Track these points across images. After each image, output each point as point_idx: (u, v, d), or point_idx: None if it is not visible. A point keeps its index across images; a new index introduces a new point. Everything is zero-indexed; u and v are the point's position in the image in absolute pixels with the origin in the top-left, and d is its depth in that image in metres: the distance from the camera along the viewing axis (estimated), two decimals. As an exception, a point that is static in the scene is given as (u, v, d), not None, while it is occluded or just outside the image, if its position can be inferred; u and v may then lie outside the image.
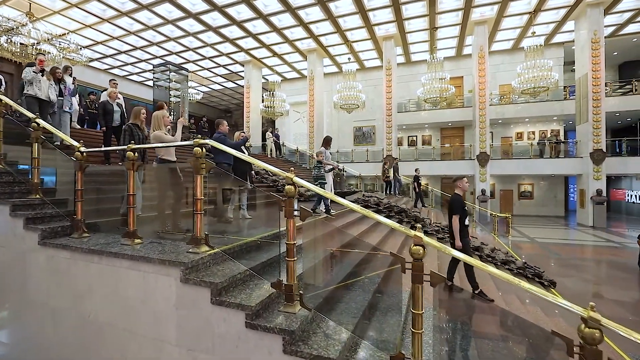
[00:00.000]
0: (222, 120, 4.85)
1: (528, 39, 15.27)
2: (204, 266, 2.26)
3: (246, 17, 14.55)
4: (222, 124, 4.81)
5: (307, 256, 2.64)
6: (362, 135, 20.94)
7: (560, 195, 18.30)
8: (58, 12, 14.20)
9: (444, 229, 7.60)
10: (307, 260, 2.55)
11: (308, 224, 2.93)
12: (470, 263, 1.78)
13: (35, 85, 5.34)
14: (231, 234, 3.08)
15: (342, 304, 2.34)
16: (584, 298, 5.87)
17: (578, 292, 6.22)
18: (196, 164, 2.35)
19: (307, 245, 2.78)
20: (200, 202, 2.36)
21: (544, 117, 17.08)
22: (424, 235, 1.72)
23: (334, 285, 2.38)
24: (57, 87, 5.89)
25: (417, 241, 1.72)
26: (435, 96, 14.55)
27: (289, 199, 2.02)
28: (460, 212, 4.21)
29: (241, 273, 2.23)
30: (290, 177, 2.01)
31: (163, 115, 3.81)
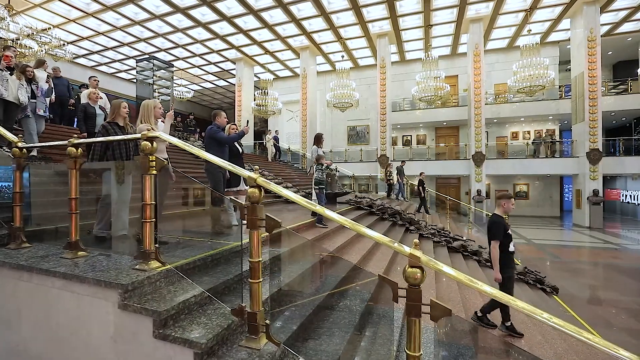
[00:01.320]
0: (220, 111, 4.21)
1: (524, 38, 15.00)
2: (151, 287, 1.84)
3: (236, 12, 14.10)
4: (219, 115, 4.16)
5: (277, 274, 2.22)
6: (356, 135, 20.59)
7: (556, 195, 18.13)
8: (39, 6, 13.60)
9: (440, 231, 7.26)
10: (277, 279, 2.13)
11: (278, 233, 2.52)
12: (509, 304, 1.25)
13: (2, 84, 4.70)
14: (196, 245, 2.60)
15: (321, 335, 1.93)
16: (590, 306, 5.55)
17: (583, 299, 5.90)
18: (144, 162, 1.94)
19: (278, 261, 2.36)
20: (149, 208, 1.94)
21: (539, 117, 16.87)
22: (422, 255, 1.33)
23: (310, 311, 1.97)
24: (28, 87, 5.20)
25: (414, 262, 1.32)
26: (430, 95, 14.22)
27: (252, 205, 1.61)
28: (501, 238, 3.41)
29: (196, 296, 1.81)
30: (253, 178, 1.61)
31: (155, 105, 3.21)
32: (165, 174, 2.97)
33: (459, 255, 6.31)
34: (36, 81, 5.53)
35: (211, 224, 3.25)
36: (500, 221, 3.46)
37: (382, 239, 1.46)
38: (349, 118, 19.65)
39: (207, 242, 2.60)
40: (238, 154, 4.43)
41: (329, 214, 1.60)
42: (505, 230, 3.46)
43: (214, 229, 3.12)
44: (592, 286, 6.75)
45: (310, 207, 1.60)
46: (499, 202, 3.65)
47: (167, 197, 3.02)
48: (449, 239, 6.82)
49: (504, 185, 18.38)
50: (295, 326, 1.80)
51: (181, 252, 2.27)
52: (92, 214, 2.78)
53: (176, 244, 2.47)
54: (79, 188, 2.25)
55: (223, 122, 4.16)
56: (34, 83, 5.43)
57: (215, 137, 3.92)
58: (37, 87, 5.48)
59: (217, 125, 4.10)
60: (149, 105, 3.14)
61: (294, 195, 1.65)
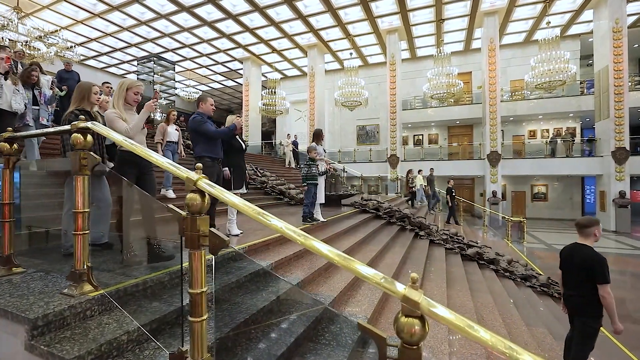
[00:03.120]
0: (205, 96, 3.49)
1: (542, 31, 14.20)
2: (76, 319, 1.44)
3: (242, 10, 13.82)
4: (204, 100, 3.42)
5: (231, 310, 1.77)
6: (366, 135, 20.04)
7: (577, 197, 17.15)
8: (47, 7, 13.65)
9: (453, 237, 6.71)
10: (230, 316, 1.69)
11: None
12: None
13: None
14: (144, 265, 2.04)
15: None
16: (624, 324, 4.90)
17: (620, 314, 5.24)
18: (75, 159, 1.55)
19: (227, 291, 1.91)
20: (82, 218, 1.55)
21: (559, 114, 15.98)
22: (422, 297, 0.89)
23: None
24: (29, 92, 4.69)
25: (409, 309, 0.89)
26: (442, 92, 13.60)
27: (191, 217, 1.19)
28: (609, 278, 2.56)
29: (130, 333, 1.40)
30: (192, 180, 1.19)
31: (130, 85, 2.53)
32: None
33: (474, 264, 5.77)
34: (39, 86, 5.02)
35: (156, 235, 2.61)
36: (604, 257, 2.60)
37: (369, 277, 1.01)
38: (358, 117, 19.15)
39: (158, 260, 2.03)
40: (241, 150, 3.86)
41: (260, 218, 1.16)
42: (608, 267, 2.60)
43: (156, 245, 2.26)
44: (622, 299, 6.07)
45: (250, 212, 1.16)
46: (587, 230, 2.71)
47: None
48: (463, 246, 6.28)
49: (521, 186, 17.53)
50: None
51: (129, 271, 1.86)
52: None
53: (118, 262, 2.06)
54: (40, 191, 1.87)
55: (209, 109, 3.42)
56: (37, 88, 4.95)
57: (199, 130, 3.26)
58: (39, 93, 5.00)
59: (201, 113, 3.37)
60: (122, 85, 2.53)
61: (237, 200, 1.22)
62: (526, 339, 3.25)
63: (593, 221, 2.75)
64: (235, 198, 1.23)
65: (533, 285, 5.59)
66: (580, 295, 2.65)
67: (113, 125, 2.35)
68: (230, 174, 3.65)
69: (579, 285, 2.67)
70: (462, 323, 0.88)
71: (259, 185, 7.41)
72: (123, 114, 2.46)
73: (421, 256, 4.78)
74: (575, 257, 2.73)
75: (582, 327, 2.66)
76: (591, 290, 2.57)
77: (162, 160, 1.34)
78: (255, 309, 1.73)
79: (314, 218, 4.48)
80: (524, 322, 3.67)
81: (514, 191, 17.71)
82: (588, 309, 2.62)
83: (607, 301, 2.51)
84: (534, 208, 17.44)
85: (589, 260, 2.62)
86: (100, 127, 1.59)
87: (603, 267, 2.55)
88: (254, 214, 1.17)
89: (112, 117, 2.41)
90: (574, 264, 2.73)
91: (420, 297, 0.90)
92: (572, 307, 2.76)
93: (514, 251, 9.58)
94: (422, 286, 3.73)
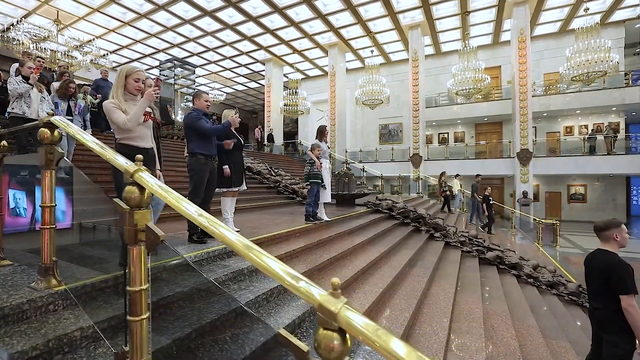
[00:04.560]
0: (200, 92, 3.46)
1: (579, 19, 13.18)
2: (37, 313, 1.45)
3: (262, 11, 14.00)
4: (198, 96, 3.39)
5: (181, 314, 1.69)
6: (388, 134, 19.63)
7: (621, 198, 15.73)
8: (83, 18, 14.56)
9: (472, 239, 6.34)
10: (181, 321, 1.61)
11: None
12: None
13: (24, 100, 4.19)
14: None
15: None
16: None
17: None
18: (42, 154, 1.56)
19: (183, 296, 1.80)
20: (49, 212, 1.56)
21: (599, 108, 14.74)
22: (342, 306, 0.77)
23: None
24: (64, 104, 4.77)
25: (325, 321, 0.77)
26: (468, 87, 12.98)
27: (130, 212, 1.13)
28: (635, 289, 2.23)
29: (84, 329, 1.38)
30: (129, 171, 1.14)
31: (129, 72, 2.27)
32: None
33: (493, 268, 5.39)
34: (75, 98, 5.07)
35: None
36: (628, 264, 2.29)
37: (276, 273, 0.89)
38: (380, 116, 18.81)
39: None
40: (239, 147, 3.81)
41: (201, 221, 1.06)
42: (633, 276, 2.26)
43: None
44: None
45: (183, 210, 1.08)
46: (606, 234, 2.40)
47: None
48: (482, 249, 5.90)
49: (556, 186, 16.38)
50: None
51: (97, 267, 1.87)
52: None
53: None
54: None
55: (203, 105, 3.33)
56: (73, 100, 4.97)
57: (194, 127, 3.21)
58: (75, 104, 4.99)
59: (196, 109, 3.30)
60: (120, 72, 2.27)
61: (174, 195, 1.14)
62: (541, 353, 2.95)
63: (612, 223, 2.41)
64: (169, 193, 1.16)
65: (560, 294, 5.14)
66: (605, 309, 2.31)
67: (111, 116, 2.20)
68: (231, 170, 3.63)
69: (602, 296, 2.35)
70: (386, 343, 0.71)
71: (272, 184, 7.42)
72: (122, 104, 2.24)
73: (432, 258, 4.53)
74: (595, 264, 2.43)
75: (611, 348, 2.28)
76: (617, 302, 2.23)
77: (98, 148, 1.30)
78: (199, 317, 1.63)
79: (317, 217, 4.38)
80: (541, 334, 3.35)
81: (548, 192, 16.59)
82: (614, 325, 2.26)
83: (632, 315, 2.15)
84: (571, 210, 16.23)
85: (607, 267, 2.30)
86: (60, 118, 1.60)
87: (623, 274, 2.22)
88: (175, 203, 1.09)
89: (110, 108, 2.20)
90: (594, 273, 2.43)
91: (339, 307, 0.77)
92: (596, 322, 2.45)
93: (545, 256, 8.92)
94: (429, 290, 3.52)
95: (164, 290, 1.68)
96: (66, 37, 13.48)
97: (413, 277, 3.68)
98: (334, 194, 7.16)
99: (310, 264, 2.91)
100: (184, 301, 1.73)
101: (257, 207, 5.78)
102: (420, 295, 3.13)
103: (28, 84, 4.21)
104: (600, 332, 2.39)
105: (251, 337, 1.55)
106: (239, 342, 1.53)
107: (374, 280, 3.13)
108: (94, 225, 2.54)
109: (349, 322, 0.75)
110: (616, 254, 2.36)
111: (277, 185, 7.37)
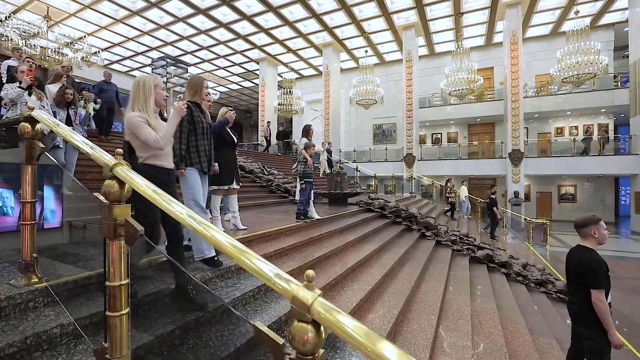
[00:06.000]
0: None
1: (570, 22, 13.37)
2: (16, 310, 1.43)
3: (256, 10, 13.95)
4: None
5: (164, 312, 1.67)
6: (382, 134, 19.71)
7: (610, 198, 16.01)
8: (74, 15, 14.36)
9: (463, 238, 6.40)
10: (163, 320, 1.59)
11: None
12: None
13: (20, 108, 3.83)
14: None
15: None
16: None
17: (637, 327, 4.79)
18: (22, 149, 1.54)
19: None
20: (29, 207, 1.54)
21: (589, 110, 14.98)
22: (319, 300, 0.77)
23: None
24: (63, 112, 4.33)
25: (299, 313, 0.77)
26: (462, 88, 13.09)
27: (109, 206, 1.13)
28: (606, 285, 2.34)
29: (64, 326, 1.37)
30: (108, 165, 1.13)
31: (156, 82, 2.07)
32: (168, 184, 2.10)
33: (483, 267, 5.45)
34: (75, 106, 4.56)
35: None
36: (603, 260, 2.39)
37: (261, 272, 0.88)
38: (374, 116, 18.86)
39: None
40: (233, 145, 3.75)
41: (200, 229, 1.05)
42: (608, 272, 2.38)
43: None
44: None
45: (162, 204, 1.08)
46: (583, 231, 2.50)
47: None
48: (473, 248, 5.96)
49: (547, 186, 16.60)
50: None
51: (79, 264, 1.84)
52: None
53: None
54: None
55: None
56: (73, 108, 4.48)
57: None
58: (75, 113, 4.50)
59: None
60: (145, 82, 2.02)
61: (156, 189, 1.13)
62: (527, 349, 2.99)
63: (590, 220, 2.48)
64: (152, 189, 1.15)
65: (548, 292, 5.21)
66: (580, 303, 2.39)
67: (138, 133, 1.91)
68: (220, 169, 3.60)
69: (578, 290, 2.41)
70: (363, 336, 0.69)
71: (264, 183, 7.40)
72: (151, 119, 1.97)
73: (423, 257, 4.56)
74: (572, 260, 2.51)
75: (587, 341, 2.36)
76: (590, 296, 2.30)
77: (82, 144, 1.28)
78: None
79: (308, 216, 4.38)
80: (528, 331, 3.39)
81: (539, 192, 16.81)
82: (588, 319, 2.33)
83: (600, 309, 2.23)
84: (562, 210, 16.46)
85: (582, 263, 2.38)
86: (43, 114, 1.57)
87: (596, 270, 2.29)
88: (159, 200, 1.09)
89: (137, 123, 1.90)
90: (571, 268, 2.50)
91: (313, 299, 0.77)
92: (573, 316, 2.51)
93: (535, 255, 9.04)
94: (418, 288, 3.54)
95: (147, 287, 1.67)
96: (57, 33, 13.27)
97: (403, 275, 3.70)
98: (327, 193, 7.19)
99: (299, 262, 2.91)
100: (166, 298, 1.72)
101: (249, 206, 5.76)
102: (409, 293, 3.15)
103: (20, 88, 3.94)
104: (576, 325, 2.46)
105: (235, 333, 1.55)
106: (222, 339, 1.53)
107: (363, 278, 3.15)
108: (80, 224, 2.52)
109: (321, 314, 0.76)
110: (593, 250, 2.43)
111: (270, 184, 7.36)
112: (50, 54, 12.81)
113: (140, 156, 1.97)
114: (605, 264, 2.35)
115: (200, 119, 2.63)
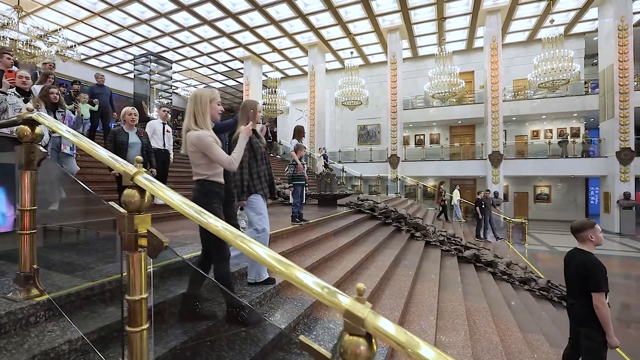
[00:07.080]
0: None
1: (545, 30, 14.01)
2: (17, 326, 1.34)
3: (241, 8, 13.74)
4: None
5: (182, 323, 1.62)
6: (367, 135, 19.90)
7: (581, 198, 16.88)
8: (47, 6, 13.65)
9: (450, 238, 6.56)
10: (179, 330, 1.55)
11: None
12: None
13: (7, 116, 3.44)
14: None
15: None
16: (627, 330, 4.74)
17: (618, 321, 5.07)
18: (21, 153, 1.44)
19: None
20: (29, 216, 1.45)
21: (563, 114, 15.73)
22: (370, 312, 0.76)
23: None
24: (50, 115, 3.79)
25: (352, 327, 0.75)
26: (444, 91, 13.43)
27: (129, 216, 1.07)
28: (607, 288, 2.39)
29: (72, 342, 1.29)
30: (129, 174, 1.07)
31: (212, 97, 2.02)
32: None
33: (471, 266, 5.61)
34: (63, 108, 4.03)
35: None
36: (602, 264, 2.43)
37: (302, 282, 0.87)
38: (359, 117, 19.02)
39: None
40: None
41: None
42: (606, 275, 2.42)
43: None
44: (627, 305, 5.89)
45: (184, 208, 1.04)
46: (581, 235, 2.54)
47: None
48: (460, 248, 6.13)
49: (523, 187, 17.30)
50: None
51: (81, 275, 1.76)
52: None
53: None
54: None
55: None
56: (60, 111, 3.95)
57: None
58: (63, 117, 4.00)
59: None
60: (202, 97, 1.96)
61: (175, 197, 1.08)
62: (520, 346, 3.10)
63: (586, 224, 2.57)
64: (175, 195, 1.11)
65: (532, 289, 5.43)
66: (581, 305, 2.47)
67: (211, 153, 1.88)
68: None
69: (579, 293, 2.50)
70: (410, 344, 0.72)
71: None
72: (210, 130, 1.98)
73: (415, 258, 4.65)
74: (572, 263, 2.59)
75: (587, 341, 2.45)
76: (591, 299, 2.38)
77: (103, 154, 1.22)
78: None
79: (303, 218, 4.37)
80: (519, 328, 3.52)
81: (516, 192, 17.48)
82: (589, 320, 2.42)
83: (601, 312, 2.33)
84: (537, 209, 17.20)
85: (583, 266, 2.46)
86: (49, 119, 1.48)
87: (597, 274, 2.38)
88: (190, 212, 1.05)
89: (209, 143, 1.87)
90: (572, 271, 2.58)
91: (367, 312, 0.77)
92: (573, 317, 2.61)
93: (515, 253, 9.40)
94: (414, 289, 3.60)
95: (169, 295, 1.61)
96: (28, 25, 12.56)
97: (398, 276, 3.76)
98: (316, 194, 7.18)
99: (301, 266, 2.88)
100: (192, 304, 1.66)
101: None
102: (407, 295, 3.19)
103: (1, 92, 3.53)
104: (576, 326, 2.55)
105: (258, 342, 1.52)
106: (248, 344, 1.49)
107: (362, 280, 3.17)
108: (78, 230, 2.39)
109: (376, 327, 0.75)
110: (592, 253, 2.53)
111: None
112: (21, 47, 12.13)
113: (204, 174, 1.95)
114: (604, 267, 2.44)
115: (258, 145, 2.63)
